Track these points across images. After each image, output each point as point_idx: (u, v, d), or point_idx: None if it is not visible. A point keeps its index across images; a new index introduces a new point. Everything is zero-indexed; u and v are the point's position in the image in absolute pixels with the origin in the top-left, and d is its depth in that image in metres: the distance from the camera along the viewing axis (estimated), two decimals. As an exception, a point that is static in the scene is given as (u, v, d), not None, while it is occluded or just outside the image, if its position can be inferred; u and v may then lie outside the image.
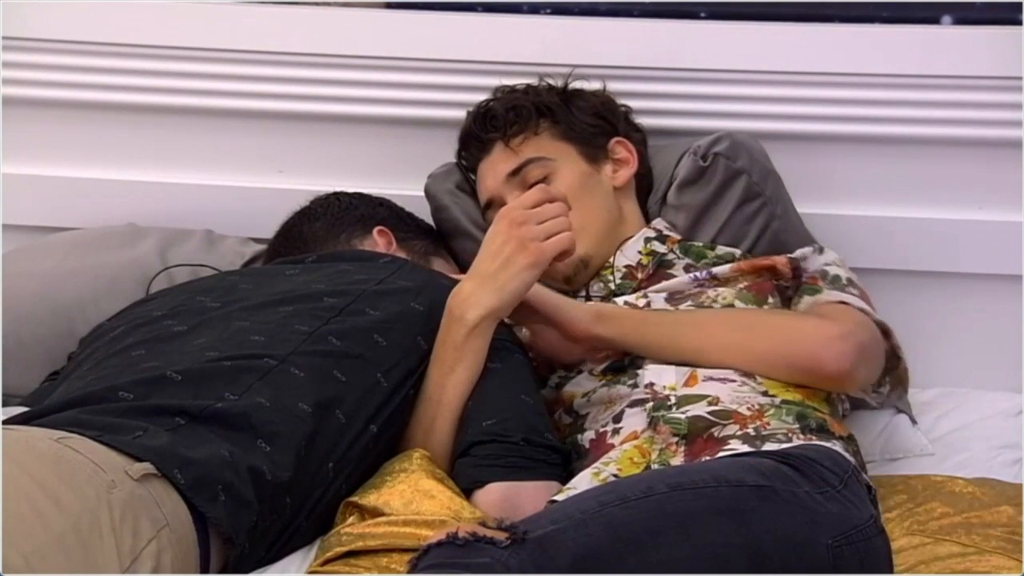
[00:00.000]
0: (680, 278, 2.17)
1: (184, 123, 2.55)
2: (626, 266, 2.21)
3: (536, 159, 2.25)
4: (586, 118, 2.30)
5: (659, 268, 2.22)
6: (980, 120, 2.39)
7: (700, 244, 2.26)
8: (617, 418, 1.94)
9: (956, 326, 2.44)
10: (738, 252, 2.25)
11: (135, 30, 2.50)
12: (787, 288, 2.14)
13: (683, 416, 1.85)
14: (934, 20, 2.41)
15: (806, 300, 2.07)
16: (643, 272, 2.21)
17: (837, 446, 1.80)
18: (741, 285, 2.12)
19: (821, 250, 2.19)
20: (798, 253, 2.17)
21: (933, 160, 2.42)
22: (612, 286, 2.19)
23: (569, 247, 1.95)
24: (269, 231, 2.33)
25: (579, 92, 2.34)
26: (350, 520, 1.80)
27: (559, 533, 1.51)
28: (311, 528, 1.82)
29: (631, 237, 2.25)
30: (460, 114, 2.38)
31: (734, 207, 2.30)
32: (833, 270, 2.12)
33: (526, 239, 1.92)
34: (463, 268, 2.32)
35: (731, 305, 2.08)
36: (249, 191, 2.54)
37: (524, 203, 1.97)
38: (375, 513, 1.79)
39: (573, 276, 2.19)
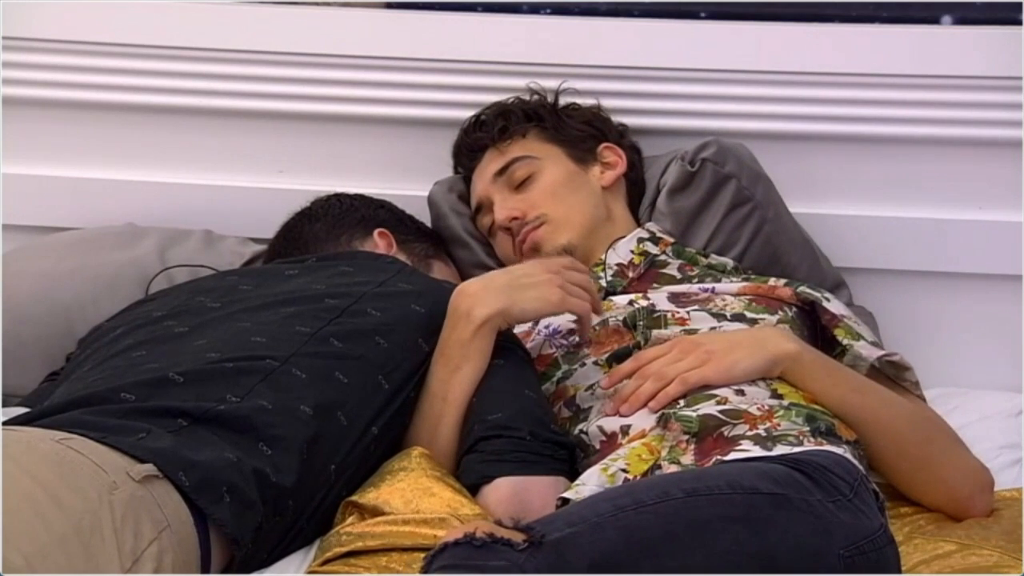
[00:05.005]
0: (688, 285, 2.17)
1: (184, 123, 2.55)
2: (617, 264, 2.23)
3: (522, 157, 2.29)
4: (575, 124, 2.34)
5: (650, 268, 2.23)
6: (979, 120, 2.40)
7: (693, 250, 2.27)
8: None
9: (956, 326, 2.45)
10: (730, 263, 2.27)
11: (135, 30, 2.51)
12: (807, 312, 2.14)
13: (694, 414, 1.85)
14: (934, 20, 2.41)
15: (860, 347, 2.04)
16: (634, 271, 2.22)
17: (847, 452, 1.81)
18: (748, 297, 2.12)
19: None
20: (805, 293, 2.14)
21: (933, 160, 2.42)
22: (603, 283, 2.20)
23: (583, 313, 1.97)
24: (269, 231, 2.33)
25: (571, 104, 2.38)
26: (350, 520, 1.80)
27: (575, 537, 1.51)
28: (312, 529, 1.82)
29: (623, 237, 2.27)
30: (460, 114, 2.39)
31: (724, 212, 2.31)
32: (859, 328, 2.11)
33: (559, 281, 1.95)
34: (461, 274, 2.34)
35: (740, 315, 2.07)
36: (249, 191, 2.54)
37: (567, 266, 2.02)
38: (375, 512, 1.79)
39: None
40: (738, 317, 2.07)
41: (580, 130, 2.34)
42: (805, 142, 2.43)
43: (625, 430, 1.91)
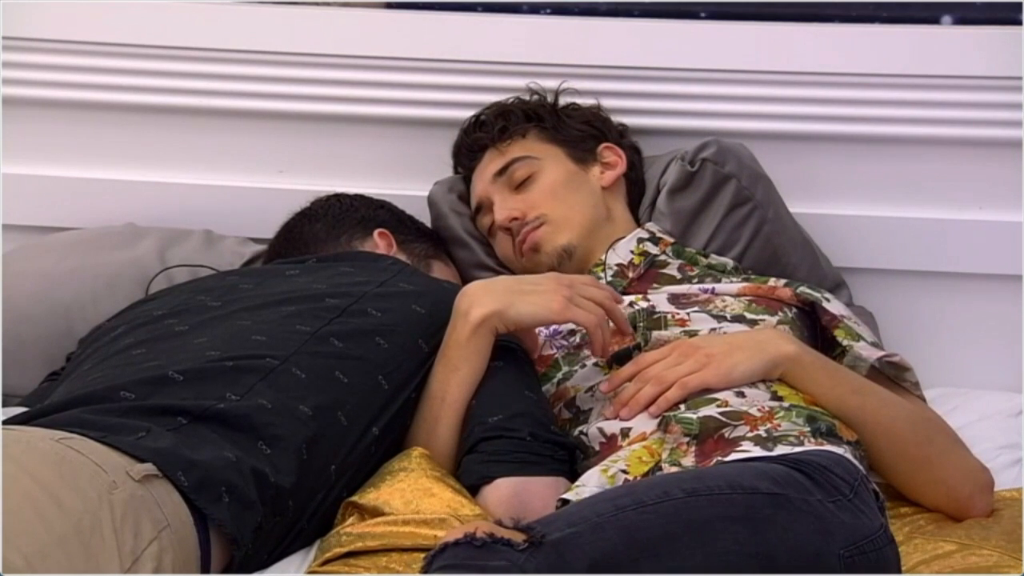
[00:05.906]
0: (688, 286, 2.17)
1: (184, 123, 2.55)
2: (617, 264, 2.24)
3: (522, 158, 2.29)
4: (575, 124, 2.34)
5: (650, 268, 2.24)
6: (979, 120, 2.40)
7: (693, 250, 2.27)
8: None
9: (956, 326, 2.45)
10: (730, 263, 2.27)
11: (135, 30, 2.51)
12: (807, 313, 2.14)
13: (694, 416, 1.85)
14: (934, 20, 2.42)
15: (860, 348, 2.05)
16: (634, 271, 2.23)
17: (847, 452, 1.81)
18: (748, 298, 2.12)
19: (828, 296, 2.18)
20: (805, 294, 2.15)
21: (933, 160, 2.42)
22: (603, 283, 2.20)
23: (588, 324, 1.94)
24: (269, 231, 2.34)
25: (571, 104, 2.38)
26: (350, 520, 1.80)
27: (576, 537, 1.51)
28: (312, 530, 1.82)
29: (623, 237, 2.27)
30: (460, 114, 2.39)
31: (724, 212, 2.31)
32: (859, 329, 2.11)
33: (567, 293, 1.94)
34: (461, 274, 2.34)
35: (741, 316, 2.08)
36: (249, 191, 2.54)
37: (585, 282, 2.00)
38: (375, 513, 1.79)
39: (558, 266, 2.21)
40: (738, 318, 2.08)
41: (580, 130, 2.34)
42: (805, 142, 2.43)
43: (625, 432, 1.91)
